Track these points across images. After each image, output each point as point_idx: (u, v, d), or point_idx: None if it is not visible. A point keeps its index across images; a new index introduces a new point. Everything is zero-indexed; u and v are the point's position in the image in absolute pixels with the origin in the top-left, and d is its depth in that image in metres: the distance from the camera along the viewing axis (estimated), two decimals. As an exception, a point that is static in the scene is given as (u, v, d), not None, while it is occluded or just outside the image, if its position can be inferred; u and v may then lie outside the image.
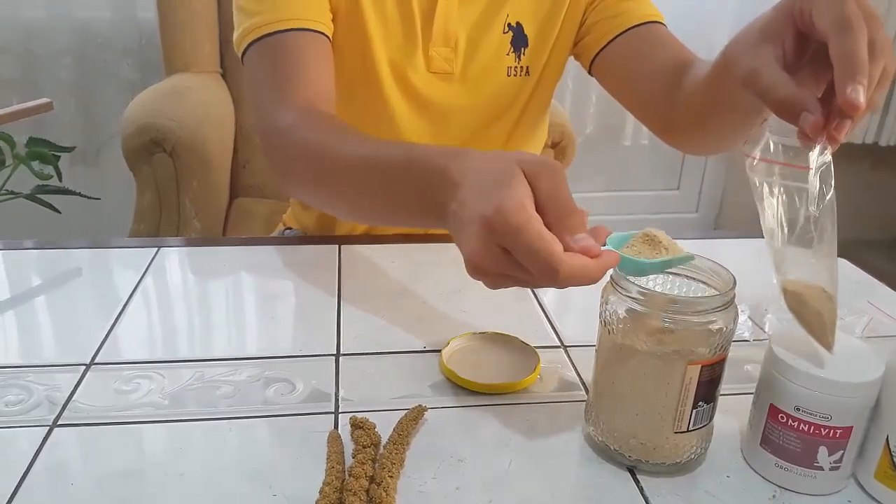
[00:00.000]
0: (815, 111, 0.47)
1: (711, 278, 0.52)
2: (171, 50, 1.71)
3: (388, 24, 0.84)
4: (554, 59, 0.91)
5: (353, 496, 0.47)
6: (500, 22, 0.87)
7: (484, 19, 0.86)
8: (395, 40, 0.85)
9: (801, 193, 0.47)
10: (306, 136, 0.68)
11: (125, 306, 0.72)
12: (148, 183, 1.46)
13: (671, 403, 0.49)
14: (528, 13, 0.88)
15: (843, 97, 0.46)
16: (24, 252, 0.85)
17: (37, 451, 0.52)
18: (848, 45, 0.46)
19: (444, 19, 0.84)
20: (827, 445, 0.49)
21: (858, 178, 2.68)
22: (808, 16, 0.49)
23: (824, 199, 0.47)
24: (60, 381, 0.60)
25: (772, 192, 0.47)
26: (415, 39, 0.85)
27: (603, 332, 0.52)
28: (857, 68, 0.46)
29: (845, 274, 0.87)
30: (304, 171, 0.69)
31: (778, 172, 0.47)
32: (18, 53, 2.05)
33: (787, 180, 0.47)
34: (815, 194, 0.46)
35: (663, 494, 0.50)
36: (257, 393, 0.60)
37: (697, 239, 0.94)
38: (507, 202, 0.43)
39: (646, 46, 0.85)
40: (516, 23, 0.87)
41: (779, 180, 0.47)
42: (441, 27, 0.84)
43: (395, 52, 0.85)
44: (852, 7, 0.47)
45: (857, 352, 0.51)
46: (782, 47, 0.52)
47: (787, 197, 0.47)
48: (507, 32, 0.87)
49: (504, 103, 0.91)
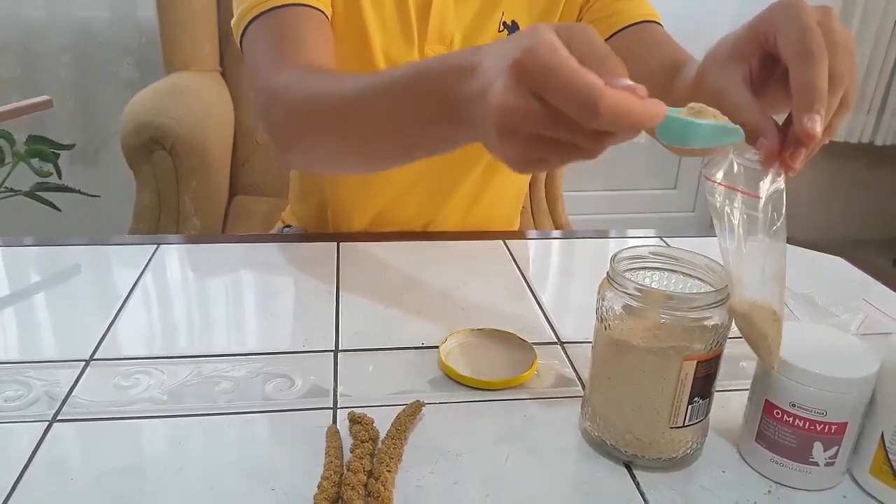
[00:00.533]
0: (772, 138, 0.47)
1: (707, 275, 0.52)
2: (171, 49, 1.71)
3: (385, 22, 0.84)
4: None
5: (352, 490, 0.47)
6: (495, 21, 0.87)
7: (479, 18, 0.87)
8: (392, 38, 0.85)
9: (754, 220, 0.47)
10: (308, 86, 0.66)
11: (125, 302, 0.73)
12: (147, 181, 1.46)
13: (667, 399, 0.49)
14: (523, 11, 0.88)
15: (800, 126, 0.46)
16: (24, 249, 0.86)
17: (36, 446, 0.52)
18: (807, 75, 0.47)
19: (439, 18, 0.84)
20: (822, 441, 0.49)
21: (854, 178, 2.69)
22: (773, 40, 0.50)
23: (775, 225, 0.47)
24: (60, 376, 0.60)
25: (728, 213, 0.47)
26: (411, 37, 0.85)
27: (599, 329, 0.52)
28: (814, 98, 0.46)
29: (841, 272, 0.87)
30: (309, 121, 0.66)
31: (735, 196, 0.48)
32: (18, 52, 2.05)
33: (742, 204, 0.47)
34: (766, 222, 0.47)
35: (659, 489, 0.51)
36: (256, 388, 0.60)
37: (694, 237, 0.95)
38: (537, 45, 0.39)
39: (639, 46, 0.84)
40: (512, 21, 0.87)
41: (735, 203, 0.48)
42: (437, 26, 0.84)
43: (392, 49, 0.85)
44: (815, 36, 0.47)
45: (853, 348, 0.51)
46: (749, 67, 0.52)
47: (742, 220, 0.47)
48: (503, 31, 0.87)
49: None
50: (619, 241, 0.96)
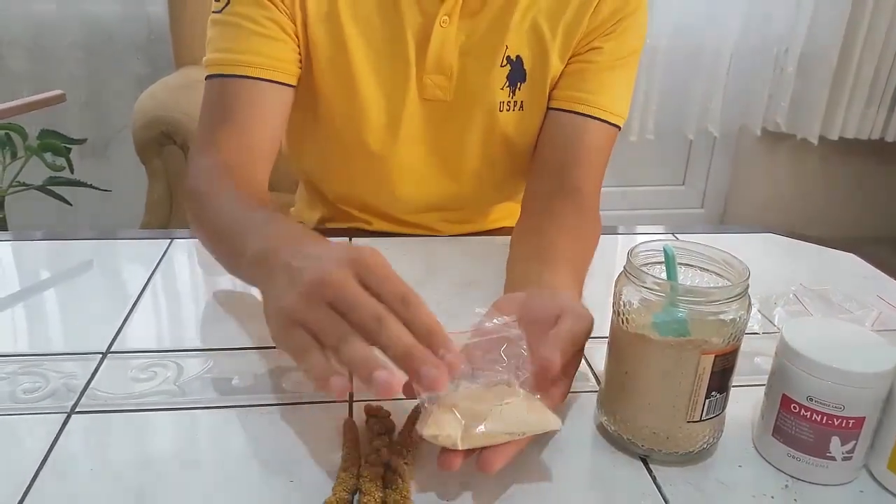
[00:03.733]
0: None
1: (724, 269, 0.52)
2: (181, 44, 1.72)
3: (377, 53, 0.81)
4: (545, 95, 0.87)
5: (370, 483, 0.47)
6: (499, 55, 0.82)
7: (482, 50, 0.82)
8: (385, 67, 0.82)
9: None
10: (203, 188, 0.74)
11: (140, 296, 0.73)
12: (158, 175, 1.47)
13: (684, 393, 0.50)
14: (526, 49, 0.83)
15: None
16: (38, 243, 0.86)
17: (55, 437, 0.53)
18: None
19: (438, 47, 0.81)
20: (839, 435, 0.49)
21: (866, 174, 2.67)
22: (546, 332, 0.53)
23: None
24: (76, 369, 0.61)
25: None
26: (408, 66, 0.82)
27: (616, 323, 0.52)
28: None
29: (854, 269, 0.87)
30: (189, 209, 0.75)
31: None
32: (29, 47, 2.06)
33: None
34: None
35: (676, 483, 0.51)
36: (273, 382, 0.60)
37: (703, 234, 0.95)
38: (362, 251, 0.49)
39: (561, 135, 0.84)
40: (517, 56, 0.83)
41: None
42: (436, 55, 0.81)
43: (386, 79, 0.82)
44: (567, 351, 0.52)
45: (870, 343, 0.51)
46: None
47: None
48: (506, 65, 0.83)
49: (495, 139, 0.87)
50: (627, 238, 0.95)
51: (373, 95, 0.83)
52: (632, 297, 0.50)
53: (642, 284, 0.49)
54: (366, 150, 0.86)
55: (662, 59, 2.33)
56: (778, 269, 0.85)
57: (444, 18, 0.80)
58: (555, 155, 0.85)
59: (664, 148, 2.59)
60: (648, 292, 0.49)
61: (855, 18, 2.31)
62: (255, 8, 0.77)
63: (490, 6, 0.81)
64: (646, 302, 0.50)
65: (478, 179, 0.90)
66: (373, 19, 0.80)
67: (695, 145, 2.64)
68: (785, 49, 2.37)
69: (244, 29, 0.77)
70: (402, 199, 0.91)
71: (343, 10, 0.79)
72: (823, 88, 2.40)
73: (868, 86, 2.41)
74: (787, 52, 2.37)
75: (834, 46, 2.34)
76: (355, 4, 0.80)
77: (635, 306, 0.50)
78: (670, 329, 0.49)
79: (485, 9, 0.81)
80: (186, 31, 1.71)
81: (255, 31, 0.77)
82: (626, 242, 0.93)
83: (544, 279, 0.65)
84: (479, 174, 0.90)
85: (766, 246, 0.93)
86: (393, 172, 0.88)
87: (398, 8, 0.80)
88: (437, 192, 0.91)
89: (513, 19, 0.81)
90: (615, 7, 0.82)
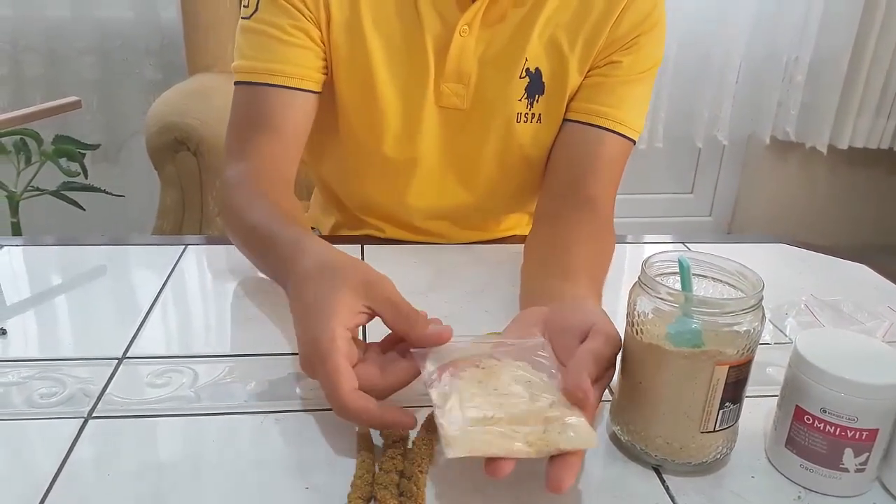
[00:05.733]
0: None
1: (738, 280, 0.52)
2: (195, 50, 1.73)
3: (396, 59, 0.82)
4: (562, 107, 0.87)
5: (384, 490, 0.48)
6: (518, 66, 0.82)
7: (501, 61, 0.83)
8: (403, 74, 0.82)
9: None
10: (237, 199, 0.77)
11: (154, 302, 0.74)
12: (171, 181, 1.47)
13: (698, 403, 0.50)
14: (545, 62, 0.83)
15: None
16: (51, 248, 0.87)
17: (73, 442, 0.53)
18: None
19: (458, 55, 0.81)
20: (853, 447, 0.49)
21: (876, 184, 2.67)
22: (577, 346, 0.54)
23: None
24: (93, 374, 0.61)
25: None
26: (427, 73, 0.82)
27: (630, 333, 0.52)
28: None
29: (865, 279, 0.87)
30: (225, 219, 0.80)
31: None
32: (42, 52, 2.07)
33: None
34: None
35: (688, 493, 0.51)
36: (288, 388, 0.61)
37: (713, 243, 0.95)
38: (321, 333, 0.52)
39: (576, 146, 0.85)
40: (536, 69, 0.83)
41: None
42: (454, 63, 0.81)
43: (405, 85, 0.83)
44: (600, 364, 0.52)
45: (884, 355, 0.52)
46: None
47: None
48: (525, 77, 0.83)
49: (511, 150, 0.87)
50: (635, 247, 0.96)
51: (390, 101, 0.83)
52: (646, 307, 0.50)
53: (657, 295, 0.50)
54: (381, 155, 0.86)
55: (671, 68, 2.34)
56: (788, 280, 0.85)
57: (464, 28, 0.80)
58: (570, 166, 0.85)
59: (673, 156, 2.59)
60: (663, 303, 0.49)
61: (864, 27, 2.31)
62: (282, 17, 0.79)
63: (510, 18, 0.82)
64: (660, 312, 0.50)
65: (492, 189, 0.91)
66: (393, 26, 0.81)
67: (703, 153, 2.64)
68: (794, 58, 2.37)
69: (272, 37, 0.79)
70: (415, 206, 0.91)
71: (364, 16, 0.80)
72: (833, 97, 2.40)
73: (878, 95, 2.41)
74: (797, 61, 2.37)
75: (843, 55, 2.34)
76: (376, 11, 0.81)
77: (649, 317, 0.50)
78: (684, 340, 0.49)
79: (505, 20, 0.82)
80: (200, 37, 1.73)
81: (282, 39, 0.79)
82: (635, 251, 0.93)
83: (566, 291, 0.65)
84: (493, 184, 0.90)
85: (777, 256, 0.93)
86: (408, 178, 0.89)
87: (419, 16, 0.81)
88: (451, 200, 0.91)
89: (533, 32, 0.81)
90: (635, 22, 0.83)
